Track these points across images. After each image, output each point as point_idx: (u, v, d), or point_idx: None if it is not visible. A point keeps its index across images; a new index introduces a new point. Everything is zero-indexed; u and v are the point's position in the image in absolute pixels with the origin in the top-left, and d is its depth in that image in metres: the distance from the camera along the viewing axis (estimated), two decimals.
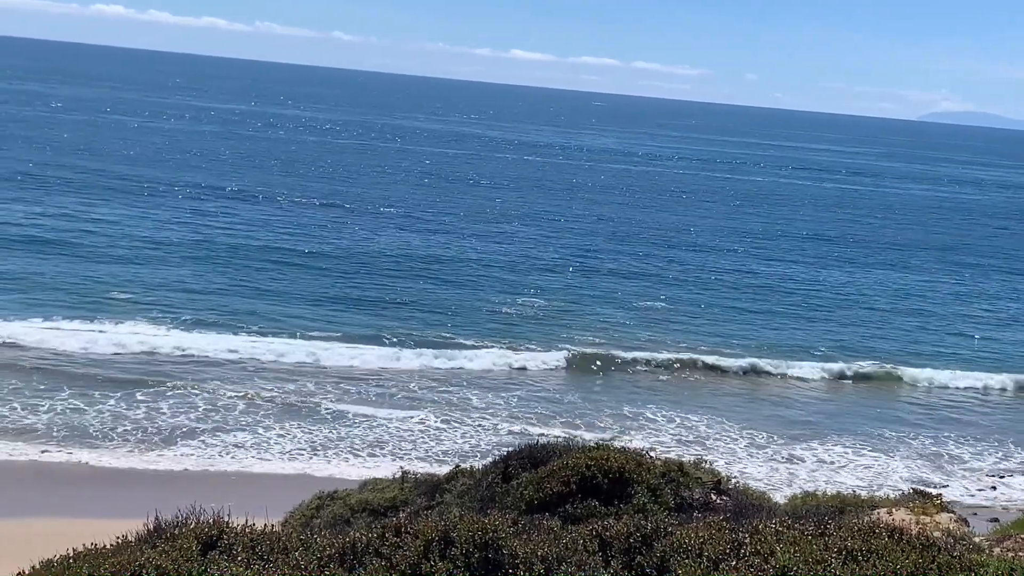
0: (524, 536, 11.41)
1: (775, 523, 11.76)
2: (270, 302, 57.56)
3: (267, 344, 49.65)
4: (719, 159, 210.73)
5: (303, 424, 40.07)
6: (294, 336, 51.22)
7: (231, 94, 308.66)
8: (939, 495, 19.66)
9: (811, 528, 11.61)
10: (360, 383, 46.01)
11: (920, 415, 49.47)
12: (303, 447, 37.89)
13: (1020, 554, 14.17)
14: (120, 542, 11.98)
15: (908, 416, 49.12)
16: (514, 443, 29.44)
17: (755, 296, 71.02)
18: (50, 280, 56.94)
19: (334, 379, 46.21)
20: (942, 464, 42.52)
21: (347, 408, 42.47)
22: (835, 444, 43.61)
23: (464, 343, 52.94)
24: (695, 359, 53.57)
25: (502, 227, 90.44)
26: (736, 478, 20.58)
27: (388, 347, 51.02)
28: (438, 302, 60.93)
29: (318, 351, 49.34)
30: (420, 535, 11.07)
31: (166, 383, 43.04)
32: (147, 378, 43.45)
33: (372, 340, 51.86)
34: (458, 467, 20.35)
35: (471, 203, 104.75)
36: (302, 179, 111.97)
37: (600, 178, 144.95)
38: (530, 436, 35.31)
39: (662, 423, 44.38)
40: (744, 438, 43.32)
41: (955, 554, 11.00)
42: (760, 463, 40.46)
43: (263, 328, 52.03)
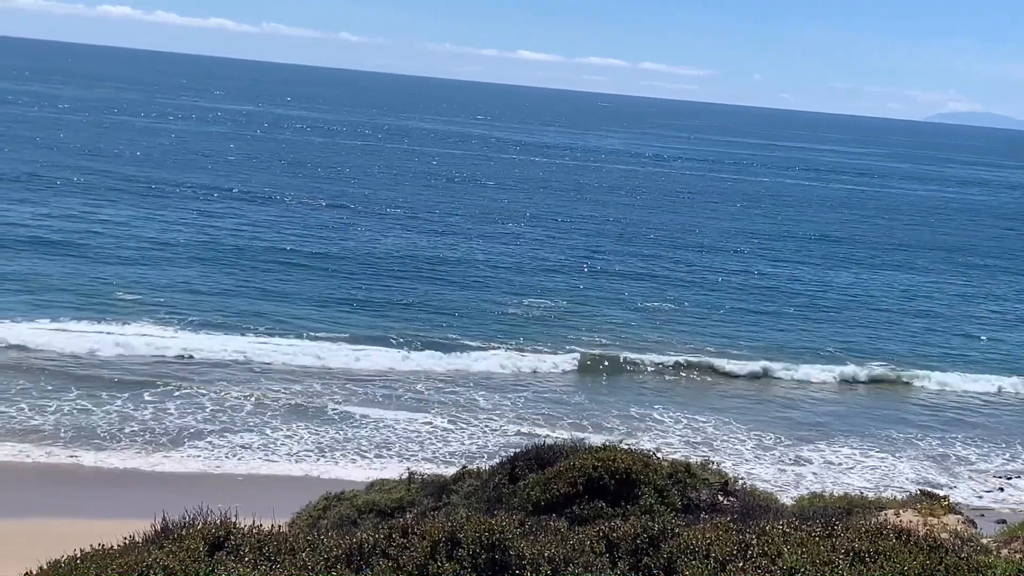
0: (531, 537, 11.41)
1: (782, 524, 11.75)
2: (277, 303, 57.61)
3: (274, 345, 49.69)
4: (726, 160, 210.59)
5: (310, 425, 40.09)
6: (301, 337, 51.26)
7: (238, 95, 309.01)
8: (946, 497, 19.65)
9: (818, 529, 11.60)
10: (367, 384, 46.03)
11: (927, 417, 49.39)
12: (310, 448, 37.91)
13: None
14: (127, 543, 11.99)
15: (915, 418, 49.05)
16: (521, 444, 29.45)
17: (762, 297, 70.97)
18: (57, 281, 57.02)
19: (341, 380, 46.23)
20: (949, 466, 42.46)
21: (354, 409, 42.50)
22: (842, 445, 43.58)
23: (471, 344, 52.94)
24: (702, 360, 53.54)
25: (508, 228, 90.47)
26: (743, 479, 20.57)
27: (395, 348, 51.05)
28: (445, 303, 60.94)
29: (325, 352, 49.39)
30: (427, 536, 11.07)
31: (173, 384, 43.10)
32: (154, 379, 43.50)
33: (379, 341, 51.88)
34: (465, 468, 20.34)
35: (477, 204, 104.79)
36: (308, 180, 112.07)
37: (606, 179, 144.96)
38: (537, 437, 35.31)
39: (669, 424, 44.36)
40: (751, 439, 43.29)
41: (963, 556, 10.99)
42: (767, 464, 40.42)
43: (270, 329, 52.09)
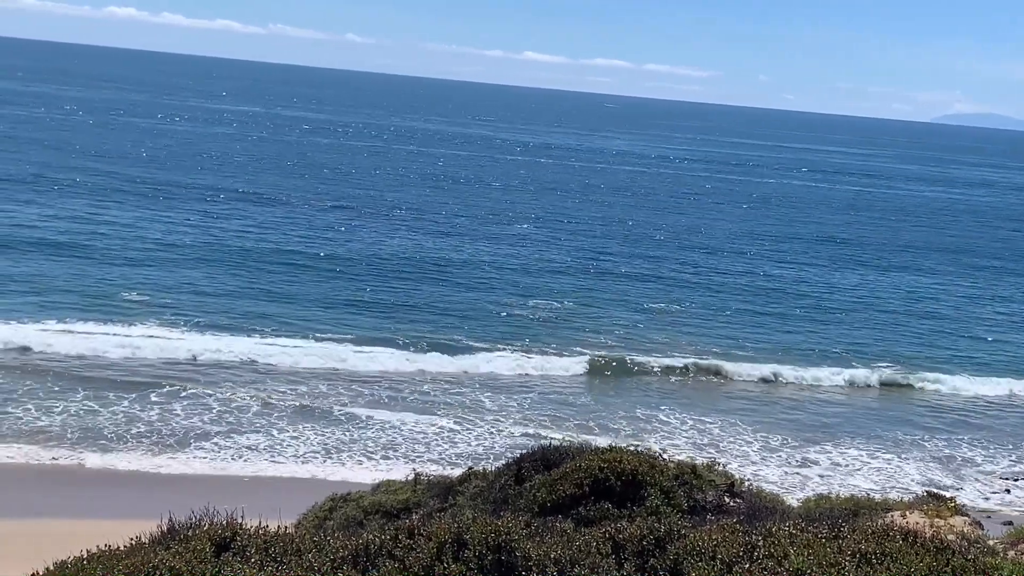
0: (537, 538, 11.42)
1: (789, 526, 11.75)
2: (282, 304, 57.65)
3: (280, 346, 49.72)
4: (731, 161, 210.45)
5: (316, 426, 40.11)
6: (307, 338, 51.29)
7: (243, 96, 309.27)
8: (953, 498, 19.63)
9: (825, 531, 11.60)
10: (373, 386, 46.04)
11: (933, 418, 49.31)
12: (316, 449, 37.93)
13: None
14: (134, 543, 12.01)
15: (921, 419, 48.97)
16: (527, 445, 29.42)
17: (768, 299, 70.91)
18: (63, 283, 57.09)
19: (347, 381, 46.25)
20: (956, 467, 42.40)
21: (360, 410, 42.51)
22: (848, 447, 43.53)
23: (477, 345, 52.94)
24: (708, 362, 53.49)
25: (514, 229, 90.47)
26: (749, 481, 20.56)
27: (401, 350, 51.07)
28: (451, 304, 60.95)
29: (331, 353, 49.39)
30: (433, 537, 11.08)
31: (179, 385, 43.15)
32: (160, 380, 43.54)
33: (385, 343, 51.87)
34: (471, 469, 20.35)
35: (483, 205, 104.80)
36: (314, 181, 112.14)
37: (612, 180, 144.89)
38: (543, 438, 35.30)
39: (676, 426, 44.33)
40: (758, 441, 43.25)
41: (969, 557, 10.99)
42: (774, 466, 40.38)
43: (276, 330, 52.13)
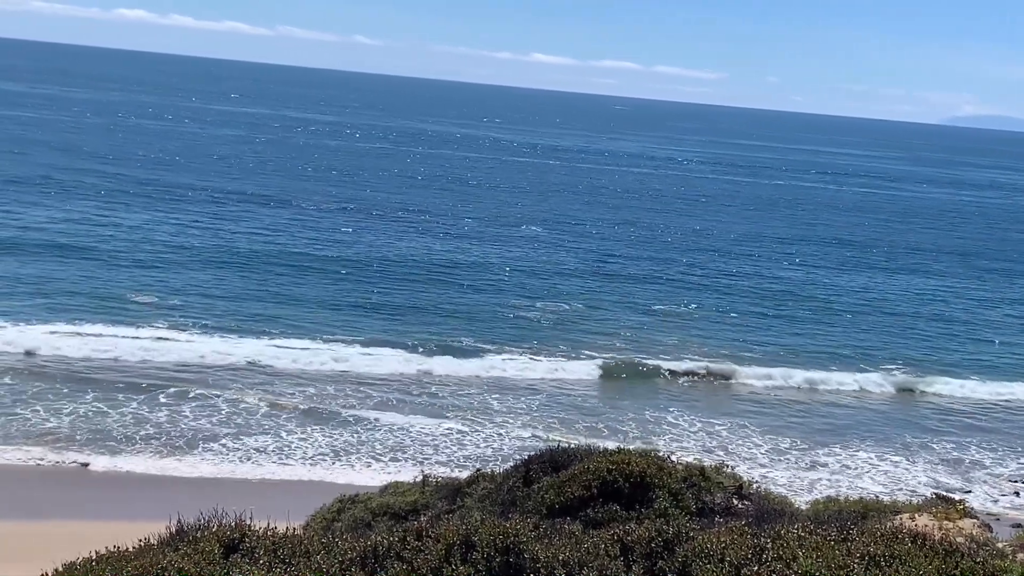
0: (545, 540, 11.41)
1: (797, 528, 11.73)
2: (291, 307, 57.69)
3: (288, 348, 49.77)
4: (740, 163, 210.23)
5: (325, 428, 40.15)
6: (315, 340, 51.33)
7: (252, 98, 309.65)
8: (962, 500, 19.58)
9: (834, 533, 11.58)
10: (381, 388, 46.06)
11: (942, 421, 49.21)
12: (324, 451, 37.96)
13: None
14: (142, 545, 12.04)
15: (930, 422, 48.87)
16: (535, 448, 29.42)
17: (776, 301, 70.80)
18: (72, 285, 57.20)
19: (355, 384, 46.28)
20: (964, 470, 42.32)
21: (368, 413, 42.53)
22: (857, 450, 43.46)
23: (485, 348, 52.94)
24: (717, 365, 53.42)
25: (523, 231, 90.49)
26: (758, 483, 20.54)
27: (410, 352, 51.07)
28: (459, 307, 60.95)
29: (339, 355, 49.42)
30: (441, 539, 11.08)
31: (188, 387, 43.20)
32: (169, 382, 43.61)
33: (393, 345, 51.89)
34: (479, 471, 20.34)
35: (491, 207, 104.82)
36: (322, 183, 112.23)
37: (620, 182, 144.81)
38: (551, 441, 35.29)
39: (684, 428, 44.30)
40: (766, 443, 43.20)
41: (978, 560, 10.96)
42: (782, 468, 40.33)
43: (284, 332, 52.18)
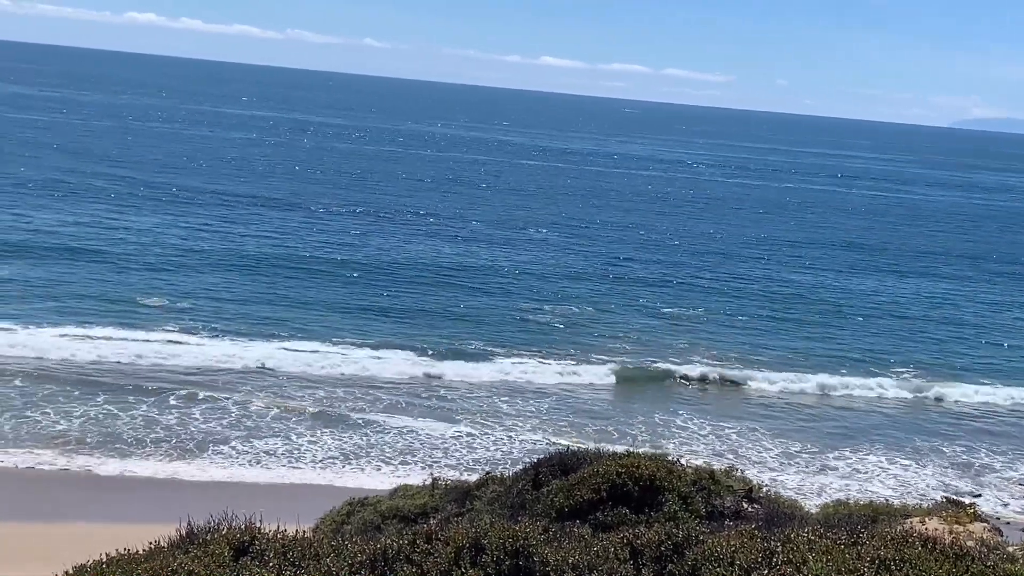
0: (555, 544, 11.40)
1: (807, 532, 11.69)
2: (300, 310, 57.75)
3: (297, 352, 49.83)
4: (749, 166, 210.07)
5: (334, 431, 40.20)
6: (324, 344, 51.39)
7: (261, 101, 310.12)
8: (972, 504, 19.50)
9: (844, 537, 11.54)
10: (391, 391, 46.10)
11: (952, 425, 49.10)
12: (334, 454, 38.01)
13: None
14: (152, 547, 12.04)
15: (940, 426, 48.75)
16: (545, 451, 29.41)
17: (786, 304, 70.68)
18: (82, 288, 57.34)
19: (364, 387, 46.32)
20: (974, 474, 42.22)
21: (378, 416, 42.57)
22: (867, 453, 43.40)
23: (494, 351, 52.96)
24: (727, 368, 53.39)
25: (532, 234, 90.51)
26: (768, 486, 20.48)
27: (419, 355, 51.09)
28: (468, 310, 60.98)
29: (348, 359, 49.48)
30: (451, 542, 11.07)
31: (198, 390, 43.27)
32: (179, 385, 43.69)
33: (402, 348, 51.94)
34: (488, 474, 20.34)
35: (500, 210, 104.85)
36: (332, 187, 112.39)
37: (629, 185, 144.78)
38: (561, 444, 35.27)
39: (694, 431, 44.28)
40: (776, 447, 43.15)
41: (989, 564, 10.91)
42: (792, 472, 40.28)
43: (294, 335, 52.24)
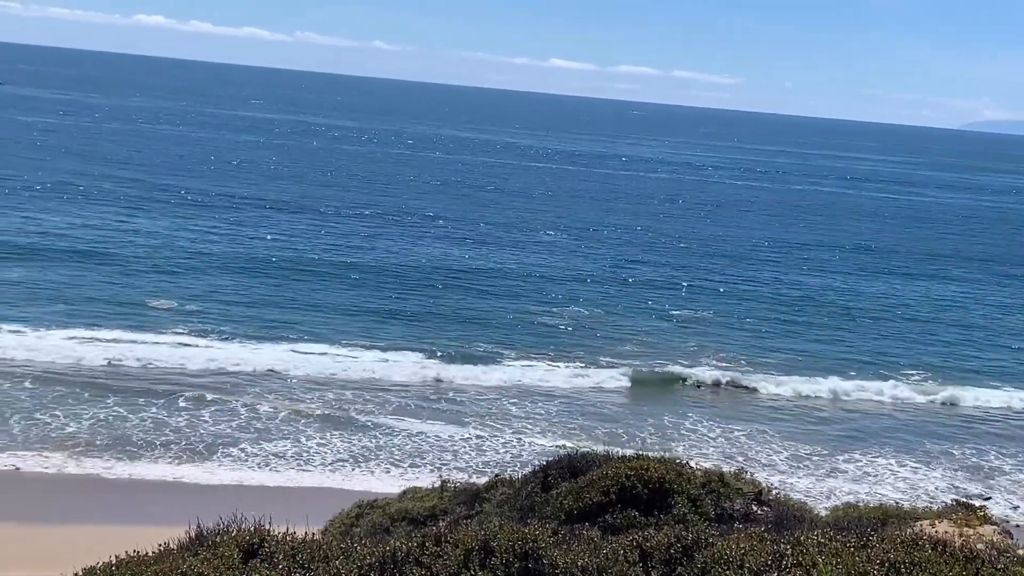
0: (564, 546, 11.40)
1: (817, 534, 11.68)
2: (309, 313, 57.79)
3: (306, 354, 49.86)
4: (758, 168, 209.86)
5: (343, 434, 40.22)
6: (333, 346, 51.42)
7: (271, 104, 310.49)
8: (982, 507, 19.45)
9: (853, 540, 11.52)
10: (400, 394, 46.11)
11: (961, 428, 48.97)
12: (343, 457, 38.02)
13: None
14: (162, 550, 12.07)
15: (949, 429, 48.63)
16: (554, 453, 29.40)
17: (795, 307, 70.55)
18: (91, 291, 57.45)
19: (374, 390, 46.33)
20: (984, 476, 42.13)
21: (387, 419, 42.57)
22: (877, 456, 43.31)
23: (504, 354, 52.94)
24: (736, 371, 53.30)
25: (541, 237, 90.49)
26: (777, 489, 20.44)
27: (428, 358, 51.09)
28: (477, 313, 60.96)
29: (357, 362, 49.49)
30: (460, 544, 11.07)
31: (207, 392, 43.32)
32: (188, 388, 43.74)
33: (412, 351, 51.93)
34: (497, 476, 20.33)
35: (509, 213, 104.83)
36: (341, 189, 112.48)
37: (638, 187, 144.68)
38: (570, 446, 35.25)
39: (704, 434, 44.23)
40: (786, 450, 43.09)
41: (999, 566, 10.89)
42: (801, 475, 40.21)
43: (303, 338, 52.28)
